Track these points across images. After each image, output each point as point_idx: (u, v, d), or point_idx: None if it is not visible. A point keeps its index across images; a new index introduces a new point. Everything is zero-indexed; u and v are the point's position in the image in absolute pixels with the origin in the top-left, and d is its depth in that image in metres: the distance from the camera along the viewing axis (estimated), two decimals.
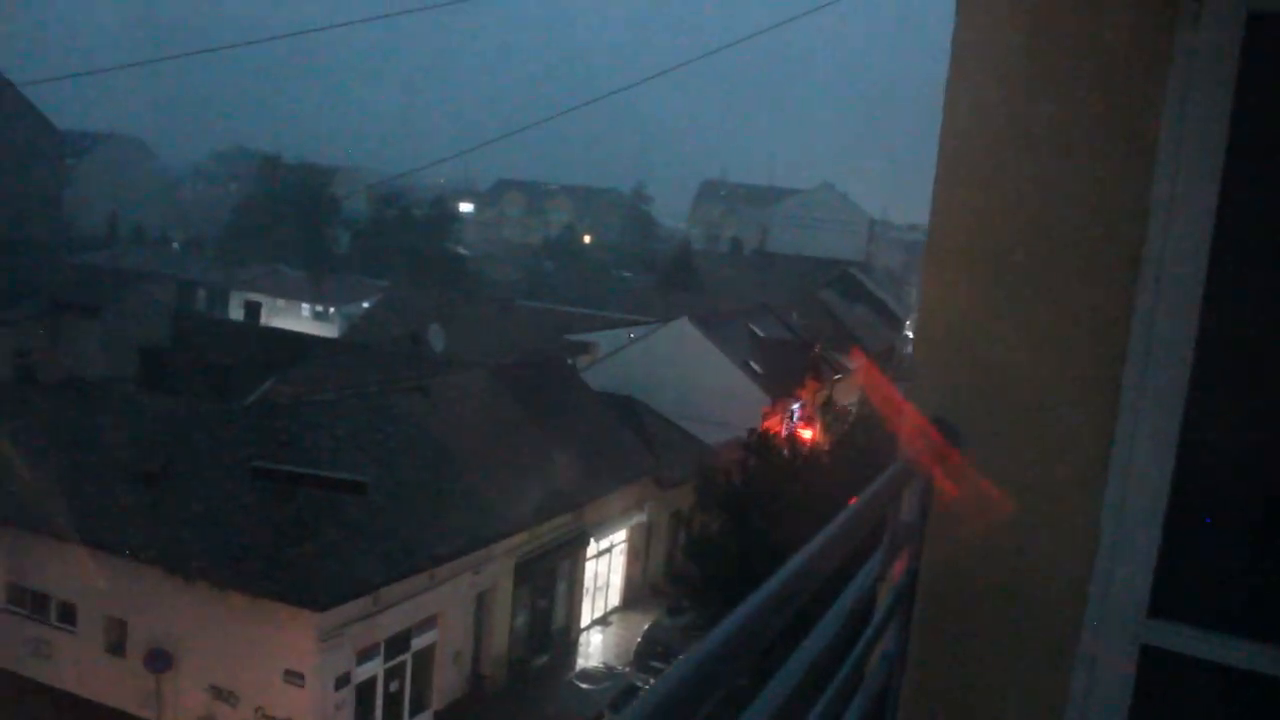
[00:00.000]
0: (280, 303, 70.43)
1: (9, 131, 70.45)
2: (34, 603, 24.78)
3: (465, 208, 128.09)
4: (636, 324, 48.78)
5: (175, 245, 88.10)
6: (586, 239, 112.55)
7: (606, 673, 27.74)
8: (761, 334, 49.51)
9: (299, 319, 68.21)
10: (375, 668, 23.57)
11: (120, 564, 23.14)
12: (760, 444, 30.59)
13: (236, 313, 63.98)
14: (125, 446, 25.26)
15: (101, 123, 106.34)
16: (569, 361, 41.02)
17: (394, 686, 24.37)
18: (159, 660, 22.64)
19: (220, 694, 22.46)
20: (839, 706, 2.30)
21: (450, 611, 25.50)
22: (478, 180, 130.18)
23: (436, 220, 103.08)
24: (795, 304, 59.40)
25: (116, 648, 23.65)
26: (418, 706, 25.19)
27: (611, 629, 33.06)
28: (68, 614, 24.41)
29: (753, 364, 45.26)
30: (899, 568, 2.86)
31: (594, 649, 31.73)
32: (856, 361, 56.07)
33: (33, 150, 73.12)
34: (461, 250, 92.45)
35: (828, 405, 44.04)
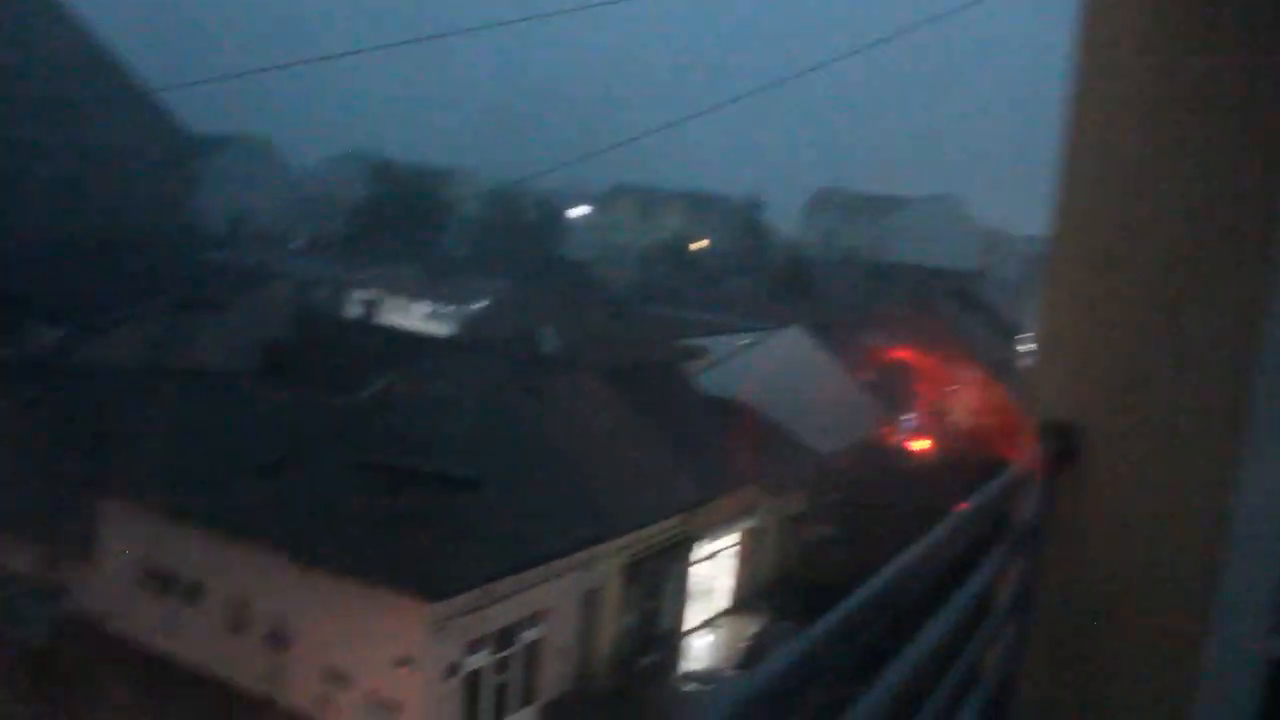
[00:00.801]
0: (397, 301, 71.59)
1: (141, 136, 73.01)
2: (165, 580, 25.65)
3: (579, 212, 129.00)
4: (749, 331, 48.57)
5: (296, 244, 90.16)
6: (699, 245, 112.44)
7: (712, 676, 27.70)
8: (875, 344, 48.98)
9: (414, 318, 69.35)
10: (484, 659, 23.91)
11: (242, 548, 23.87)
12: (871, 453, 30.39)
13: (354, 311, 65.15)
14: (248, 437, 26.02)
15: (229, 125, 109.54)
16: (680, 367, 41.04)
17: (501, 679, 24.70)
18: (277, 641, 23.26)
19: (334, 676, 22.97)
20: (953, 704, 2.31)
21: (558, 608, 25.75)
22: (592, 185, 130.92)
23: (550, 224, 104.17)
24: (909, 314, 58.59)
25: (238, 627, 24.36)
26: (524, 700, 25.47)
27: (719, 632, 33.01)
28: (194, 593, 25.22)
29: (865, 373, 44.84)
30: (1017, 570, 2.87)
31: (700, 652, 31.71)
32: (971, 373, 55.16)
33: (163, 153, 75.62)
34: (575, 254, 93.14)
35: (941, 416, 43.50)
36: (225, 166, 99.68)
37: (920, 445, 40.44)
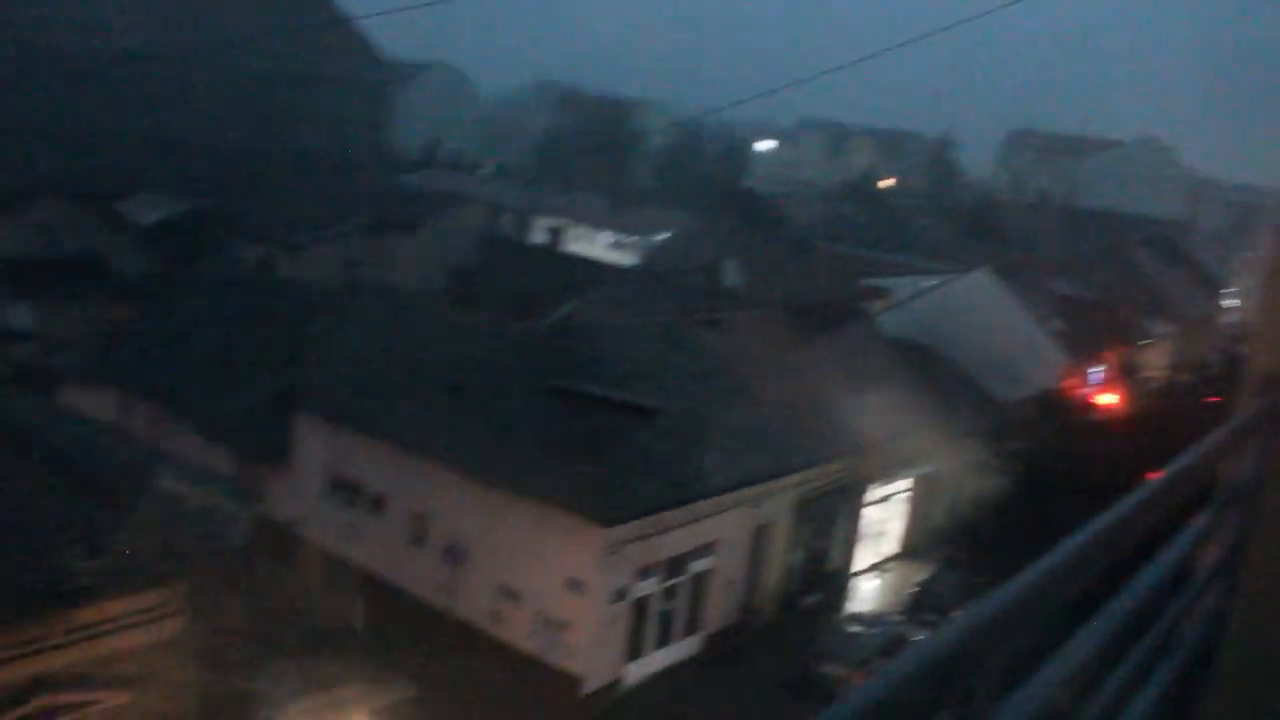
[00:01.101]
0: (581, 230, 72.34)
1: (341, 63, 75.35)
2: (350, 491, 26.80)
3: (766, 146, 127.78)
4: (934, 273, 47.56)
5: (485, 170, 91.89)
6: (887, 183, 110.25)
7: (877, 619, 27.54)
8: (1064, 292, 47.34)
9: (598, 246, 70.04)
10: (652, 586, 24.27)
11: (424, 464, 24.66)
12: (1055, 405, 29.42)
13: (539, 237, 66.18)
14: (434, 356, 26.74)
15: (424, 53, 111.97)
16: (863, 306, 40.51)
17: (668, 606, 25.04)
18: (454, 555, 24.06)
19: (506, 593, 23.67)
20: (1144, 672, 2.20)
21: (728, 541, 25.91)
22: (779, 118, 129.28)
23: (736, 157, 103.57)
24: (1103, 263, 56.39)
25: (418, 540, 25.29)
26: (690, 628, 25.80)
27: (886, 576, 32.77)
28: (378, 504, 26.25)
29: (1052, 322, 43.43)
30: (1224, 536, 2.71)
31: (867, 594, 31.57)
32: (1167, 327, 52.92)
33: (361, 80, 77.93)
34: (759, 188, 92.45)
35: (1131, 371, 41.84)
36: (420, 93, 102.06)
37: (1108, 400, 39.01)
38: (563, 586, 22.72)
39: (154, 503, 12.06)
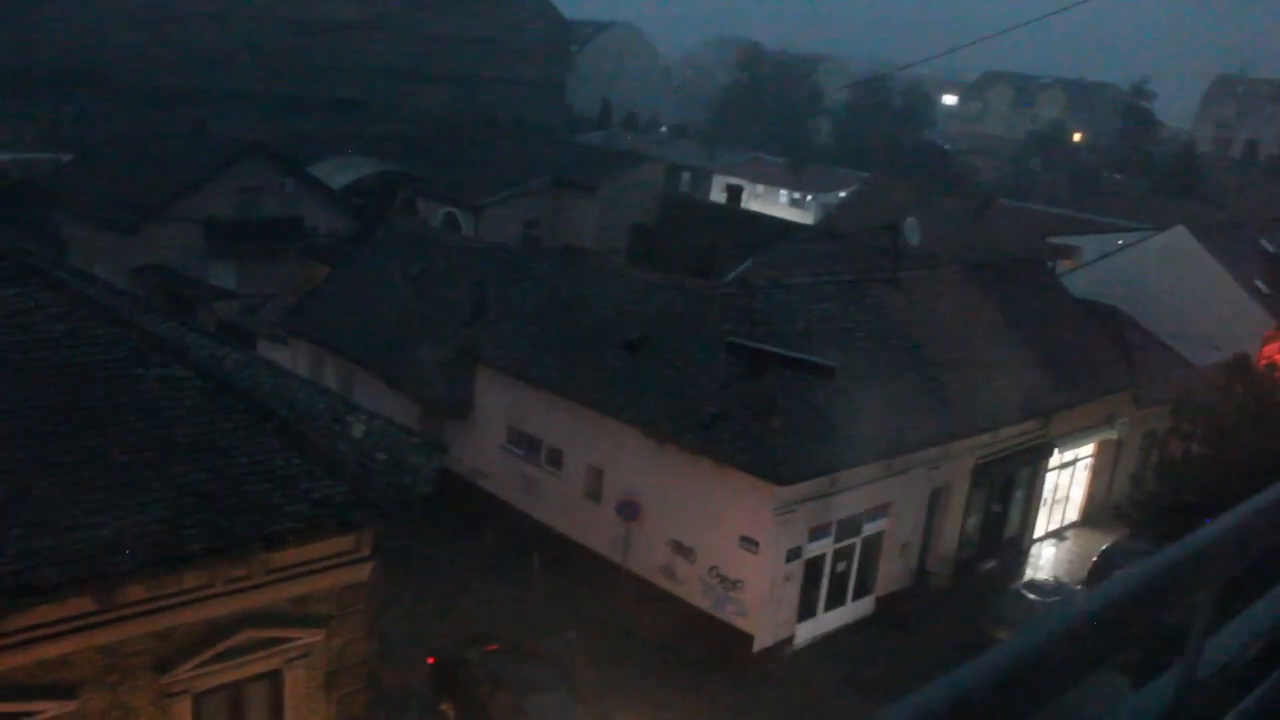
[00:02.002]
0: (759, 188, 72.08)
1: (525, 23, 76.38)
2: (528, 445, 27.52)
3: (949, 100, 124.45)
4: (1126, 230, 45.73)
5: (663, 129, 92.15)
6: (1077, 137, 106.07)
7: (1056, 587, 26.85)
8: (1272, 250, 44.87)
9: (776, 205, 69.65)
10: (825, 546, 24.22)
11: (601, 420, 25.11)
12: (1253, 371, 27.97)
13: (718, 196, 66.14)
14: (612, 313, 27.10)
15: (605, 12, 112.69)
16: (1049, 264, 39.29)
17: (840, 567, 24.96)
18: (629, 510, 24.46)
19: (679, 549, 23.98)
20: None
21: (902, 503, 25.65)
22: (963, 71, 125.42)
23: (918, 112, 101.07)
24: None
25: (593, 494, 25.81)
26: (861, 590, 25.68)
27: (1066, 544, 31.92)
28: (554, 459, 26.89)
29: (1258, 283, 41.26)
30: None
31: (1045, 561, 30.83)
32: None
33: (544, 39, 78.88)
34: (943, 143, 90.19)
35: None
36: (600, 52, 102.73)
37: None
38: (735, 544, 22.87)
39: (346, 452, 12.66)
